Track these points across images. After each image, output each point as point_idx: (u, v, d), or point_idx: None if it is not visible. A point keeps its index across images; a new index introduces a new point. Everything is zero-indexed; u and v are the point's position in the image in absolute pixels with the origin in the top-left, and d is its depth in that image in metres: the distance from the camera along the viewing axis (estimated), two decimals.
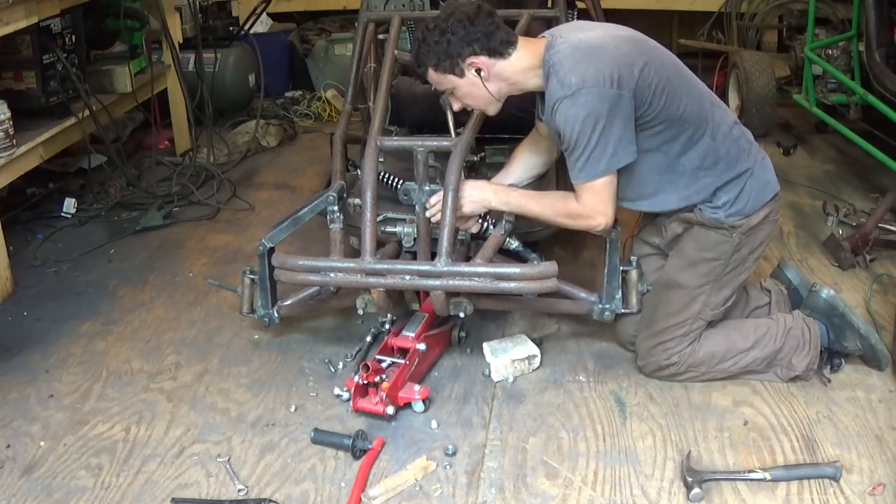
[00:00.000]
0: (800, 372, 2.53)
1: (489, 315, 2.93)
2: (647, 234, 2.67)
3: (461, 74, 2.40)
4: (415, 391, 2.48)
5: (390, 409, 2.41)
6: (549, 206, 2.47)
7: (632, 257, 2.65)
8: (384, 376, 2.46)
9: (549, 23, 3.61)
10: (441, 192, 2.51)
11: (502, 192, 2.56)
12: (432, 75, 2.43)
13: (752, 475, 2.18)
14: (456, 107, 2.55)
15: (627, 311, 2.61)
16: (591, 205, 2.35)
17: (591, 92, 2.22)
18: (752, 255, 2.49)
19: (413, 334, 2.61)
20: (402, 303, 2.79)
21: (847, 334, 2.55)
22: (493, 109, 2.52)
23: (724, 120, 2.42)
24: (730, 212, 2.40)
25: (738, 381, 2.59)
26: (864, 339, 2.54)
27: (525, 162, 2.72)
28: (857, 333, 2.54)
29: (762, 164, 2.46)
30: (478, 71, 2.38)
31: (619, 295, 2.60)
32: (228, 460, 2.32)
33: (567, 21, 3.26)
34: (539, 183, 2.82)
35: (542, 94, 2.45)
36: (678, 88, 2.33)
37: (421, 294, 2.77)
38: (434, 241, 2.54)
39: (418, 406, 2.48)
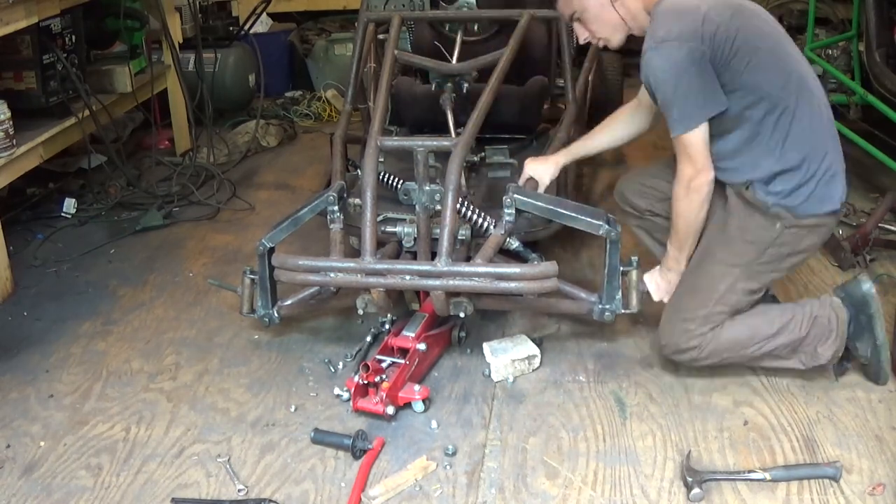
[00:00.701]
0: (824, 361, 2.49)
1: (489, 315, 2.93)
2: None
3: None
4: (415, 391, 2.48)
5: (390, 409, 2.41)
6: (683, 217, 2.43)
7: (632, 258, 2.65)
8: (384, 376, 2.46)
9: (550, 23, 3.63)
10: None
11: (674, 263, 2.55)
12: None
13: (752, 475, 2.18)
14: (583, 37, 2.49)
15: (627, 311, 2.62)
16: (693, 160, 2.33)
17: (673, 45, 2.24)
18: (791, 259, 2.43)
19: (413, 334, 2.61)
20: (402, 303, 2.79)
21: (864, 336, 2.49)
22: (617, 39, 2.48)
23: (813, 109, 2.38)
24: (780, 202, 2.35)
25: (739, 381, 2.59)
26: (876, 352, 2.49)
27: (615, 130, 2.76)
28: (873, 342, 2.49)
29: (832, 177, 2.37)
30: None
31: (619, 295, 2.60)
32: (228, 460, 2.32)
33: None
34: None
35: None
36: (764, 61, 2.31)
37: (421, 294, 2.77)
38: (434, 241, 2.54)
39: (418, 406, 2.48)
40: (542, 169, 2.77)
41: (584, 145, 2.83)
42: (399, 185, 2.79)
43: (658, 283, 2.61)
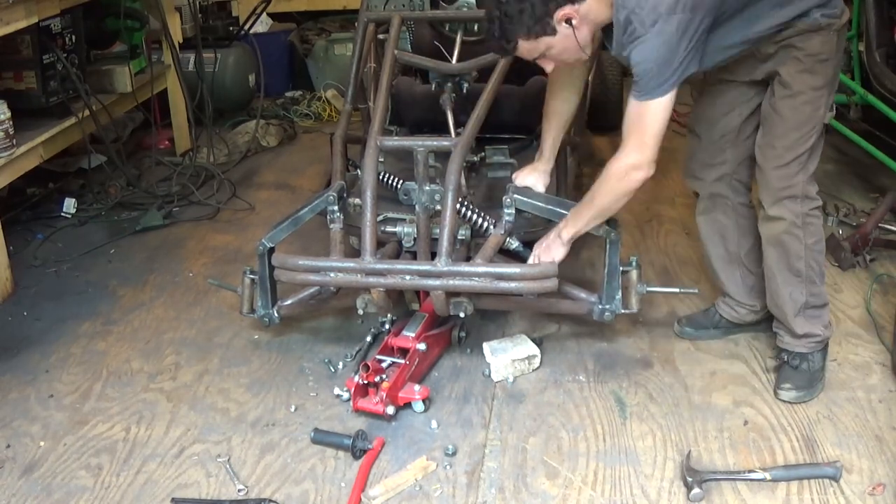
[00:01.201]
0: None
1: (489, 315, 2.93)
2: (723, 72, 2.51)
3: (553, 32, 2.25)
4: (415, 391, 2.48)
5: (390, 409, 2.41)
6: (604, 196, 2.41)
7: (632, 257, 2.65)
8: (384, 376, 2.46)
9: None
10: None
11: (565, 232, 2.52)
12: (523, 46, 2.28)
13: (752, 475, 2.18)
14: (549, 68, 2.41)
15: (627, 311, 2.61)
16: (645, 145, 2.29)
17: (666, 22, 2.16)
18: (841, 60, 2.48)
19: (413, 334, 2.61)
20: (402, 303, 2.79)
21: None
22: (585, 56, 2.40)
23: None
24: (822, 11, 2.33)
25: (738, 381, 2.60)
26: None
27: (567, 104, 2.69)
28: None
29: None
30: (569, 21, 2.24)
31: (619, 295, 2.60)
32: (228, 460, 2.33)
33: None
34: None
35: (608, 28, 2.33)
36: None
37: (421, 294, 2.77)
38: (434, 241, 2.54)
39: (418, 406, 2.48)
40: (532, 179, 2.74)
41: (553, 136, 2.76)
42: (399, 185, 2.79)
43: (540, 245, 2.56)
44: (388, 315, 2.73)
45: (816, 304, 2.55)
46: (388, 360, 2.56)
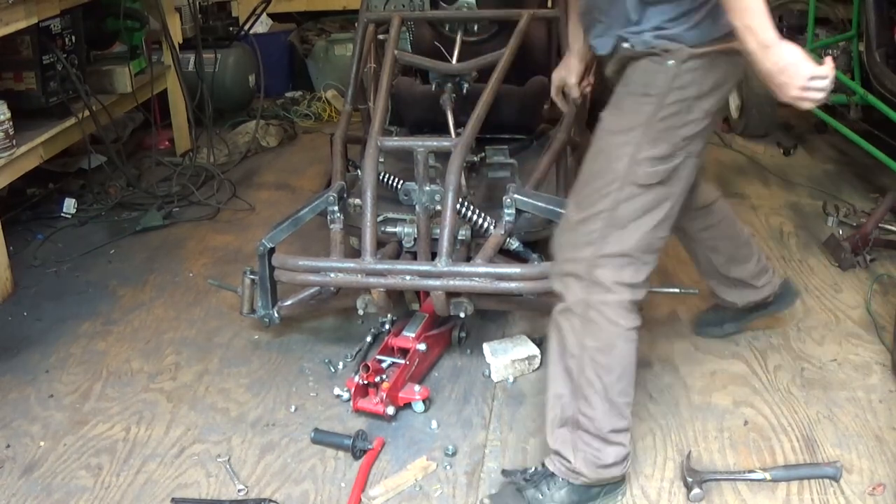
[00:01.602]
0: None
1: (489, 315, 2.93)
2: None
3: None
4: (415, 391, 2.48)
5: (390, 410, 2.41)
6: None
7: None
8: (384, 376, 2.46)
9: (550, 22, 3.63)
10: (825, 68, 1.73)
11: (762, 35, 1.71)
12: None
13: (752, 475, 2.19)
14: None
15: None
16: None
17: None
18: (702, 105, 1.88)
19: (413, 334, 2.61)
20: (402, 303, 2.79)
21: None
22: None
23: None
24: (659, 33, 1.85)
25: (739, 381, 2.60)
26: None
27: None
28: None
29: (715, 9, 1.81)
30: None
31: None
32: (228, 460, 2.33)
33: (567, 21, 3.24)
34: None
35: None
36: None
37: (421, 294, 2.77)
38: (434, 242, 2.54)
39: (418, 406, 2.48)
40: (563, 74, 2.54)
41: (580, 43, 2.40)
42: (399, 186, 2.79)
43: (763, 69, 1.74)
44: (389, 315, 2.74)
45: (589, 430, 1.98)
46: (388, 360, 2.56)
